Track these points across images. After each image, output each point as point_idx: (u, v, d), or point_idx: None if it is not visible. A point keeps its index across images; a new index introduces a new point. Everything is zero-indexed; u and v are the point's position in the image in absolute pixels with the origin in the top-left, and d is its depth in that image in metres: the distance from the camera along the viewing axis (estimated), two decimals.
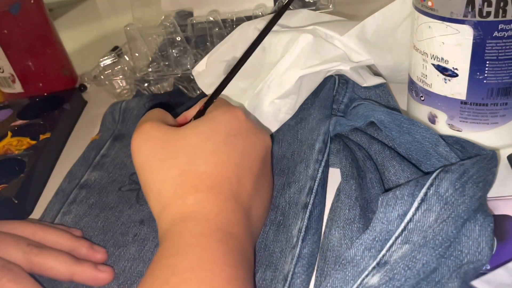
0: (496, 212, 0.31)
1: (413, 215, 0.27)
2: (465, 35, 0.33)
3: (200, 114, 0.36)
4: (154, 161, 0.31)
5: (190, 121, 0.36)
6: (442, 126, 0.38)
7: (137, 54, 0.58)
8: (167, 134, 0.32)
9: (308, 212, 0.34)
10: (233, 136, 0.31)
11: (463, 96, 0.35)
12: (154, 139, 0.31)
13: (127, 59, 0.59)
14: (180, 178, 0.30)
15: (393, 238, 0.27)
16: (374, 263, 0.27)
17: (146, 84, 0.56)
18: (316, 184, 0.36)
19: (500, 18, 0.31)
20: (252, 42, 0.38)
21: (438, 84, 0.36)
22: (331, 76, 0.45)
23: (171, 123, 0.35)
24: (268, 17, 0.49)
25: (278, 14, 0.38)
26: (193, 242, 0.27)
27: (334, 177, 0.38)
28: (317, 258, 0.32)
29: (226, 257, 0.26)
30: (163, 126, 0.32)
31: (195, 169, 0.30)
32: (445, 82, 0.36)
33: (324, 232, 0.34)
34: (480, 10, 0.31)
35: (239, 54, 0.47)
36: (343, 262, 0.28)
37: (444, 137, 0.35)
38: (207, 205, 0.29)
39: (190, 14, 0.64)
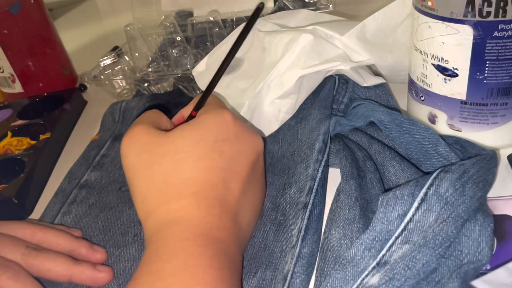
0: (496, 212, 0.31)
1: (413, 215, 0.27)
2: (465, 35, 0.33)
3: (192, 117, 0.35)
4: (140, 166, 0.31)
5: (183, 123, 0.36)
6: (442, 126, 0.38)
7: (137, 54, 0.58)
8: (155, 138, 0.31)
9: (308, 212, 0.34)
10: (221, 142, 0.31)
11: (463, 96, 0.35)
12: (141, 143, 0.31)
13: (127, 59, 0.59)
14: (165, 184, 0.30)
15: (393, 238, 0.27)
16: (374, 263, 0.27)
17: (146, 84, 0.56)
18: (316, 184, 0.36)
19: (500, 18, 0.31)
20: (234, 42, 0.37)
21: (438, 84, 0.36)
22: (331, 76, 0.45)
23: (165, 125, 0.35)
24: (265, 19, 0.49)
25: (252, 17, 0.37)
26: (177, 247, 0.27)
27: (334, 177, 0.38)
28: (317, 258, 0.32)
29: (210, 260, 0.26)
30: (151, 130, 0.32)
31: (180, 175, 0.30)
32: (445, 82, 0.36)
33: (324, 232, 0.33)
34: (480, 10, 0.31)
35: (239, 54, 0.47)
36: (343, 262, 0.28)
37: (444, 137, 0.35)
38: (190, 210, 0.29)
39: (190, 14, 0.64)
